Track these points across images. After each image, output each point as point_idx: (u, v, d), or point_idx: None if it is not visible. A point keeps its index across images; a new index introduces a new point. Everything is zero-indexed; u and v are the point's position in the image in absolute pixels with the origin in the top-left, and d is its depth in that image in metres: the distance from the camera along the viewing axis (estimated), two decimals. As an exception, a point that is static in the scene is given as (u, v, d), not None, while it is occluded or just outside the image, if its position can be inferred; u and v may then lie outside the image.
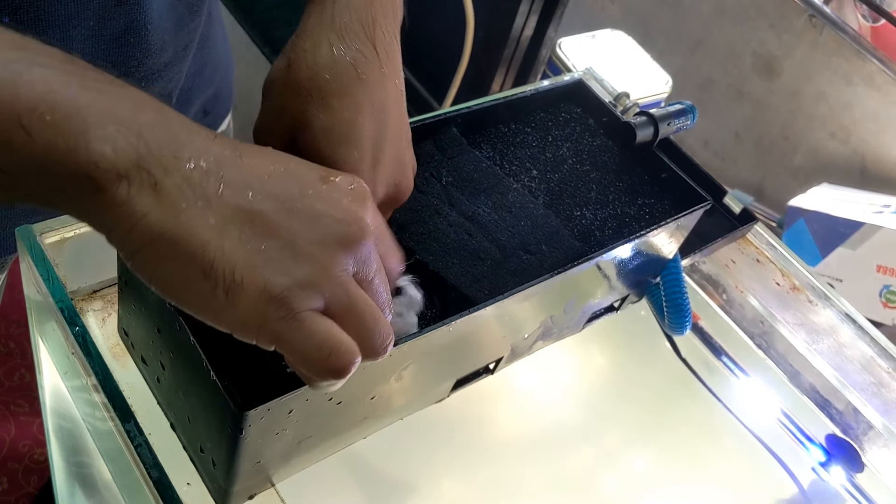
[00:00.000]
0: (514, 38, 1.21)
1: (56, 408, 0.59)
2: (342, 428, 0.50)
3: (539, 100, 0.63)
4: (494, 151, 0.60)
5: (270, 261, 0.35)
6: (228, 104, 0.81)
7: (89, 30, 0.55)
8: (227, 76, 0.79)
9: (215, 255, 0.34)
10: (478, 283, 0.51)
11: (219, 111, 0.79)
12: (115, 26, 0.56)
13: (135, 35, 0.57)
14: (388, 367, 0.46)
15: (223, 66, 0.77)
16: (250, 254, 0.35)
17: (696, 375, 0.73)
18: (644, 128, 0.60)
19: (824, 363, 0.71)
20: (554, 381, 0.70)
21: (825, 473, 0.70)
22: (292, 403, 0.42)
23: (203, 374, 0.40)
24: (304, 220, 0.36)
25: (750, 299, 0.74)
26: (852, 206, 1.22)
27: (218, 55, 0.75)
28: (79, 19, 0.53)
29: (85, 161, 0.31)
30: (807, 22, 1.38)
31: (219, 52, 0.75)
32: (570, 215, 0.58)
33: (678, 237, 0.61)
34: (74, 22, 0.53)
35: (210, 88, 0.75)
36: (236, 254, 0.34)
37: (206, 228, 0.34)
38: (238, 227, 0.35)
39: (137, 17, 0.56)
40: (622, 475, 0.66)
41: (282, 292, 0.35)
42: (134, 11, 0.56)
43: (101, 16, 0.55)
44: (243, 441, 0.41)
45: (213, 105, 0.77)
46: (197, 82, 0.71)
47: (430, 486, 0.61)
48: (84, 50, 0.56)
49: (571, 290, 0.57)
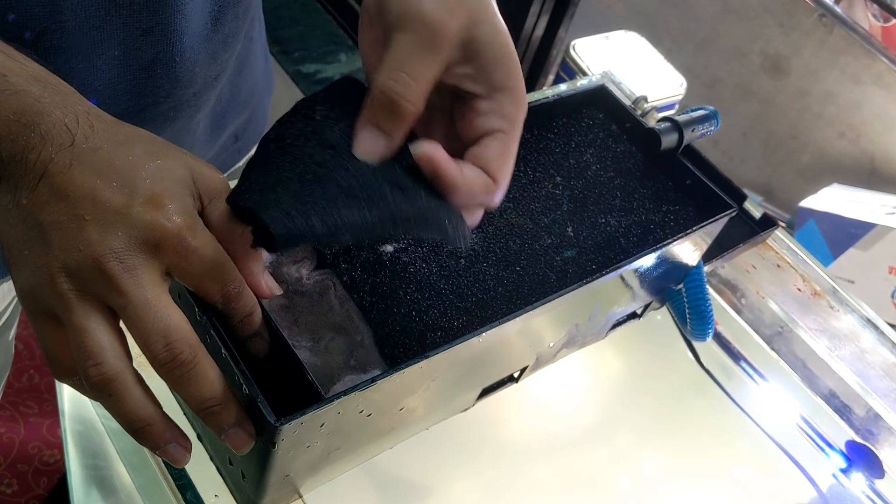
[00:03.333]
0: (525, 38, 1.21)
1: (73, 412, 0.59)
2: (370, 439, 0.50)
3: (561, 105, 0.63)
4: (517, 158, 0.60)
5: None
6: (261, 129, 0.79)
7: (115, 59, 0.54)
8: (263, 101, 0.77)
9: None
10: (507, 295, 0.51)
11: (250, 136, 0.77)
12: (142, 57, 0.55)
13: (162, 66, 0.56)
14: (419, 379, 0.46)
15: (259, 91, 0.75)
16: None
17: (715, 381, 0.73)
18: (669, 134, 0.60)
19: (845, 368, 0.71)
20: (573, 387, 0.69)
21: (845, 480, 0.70)
22: (324, 416, 0.41)
23: (235, 387, 0.40)
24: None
25: (770, 304, 0.74)
26: (863, 207, 1.21)
27: (255, 80, 0.73)
28: (103, 48, 0.52)
29: None
30: (816, 21, 1.37)
31: (256, 76, 0.73)
32: (594, 222, 0.58)
33: (703, 245, 0.61)
34: (99, 51, 0.52)
35: (244, 113, 0.73)
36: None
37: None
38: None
39: (165, 48, 0.55)
40: (640, 480, 0.66)
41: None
42: (161, 43, 0.55)
43: (127, 45, 0.53)
44: (275, 454, 0.41)
45: (245, 130, 0.75)
46: (231, 108, 0.70)
47: (449, 492, 0.61)
48: (109, 80, 0.54)
49: (597, 298, 0.57)
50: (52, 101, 0.38)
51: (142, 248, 0.37)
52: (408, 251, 0.52)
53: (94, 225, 0.36)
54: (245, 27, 0.64)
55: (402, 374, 0.43)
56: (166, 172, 0.39)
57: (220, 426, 0.39)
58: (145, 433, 0.38)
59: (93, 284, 0.36)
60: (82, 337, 0.36)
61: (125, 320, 0.37)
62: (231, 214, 0.40)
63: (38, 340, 0.39)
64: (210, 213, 0.41)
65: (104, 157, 0.38)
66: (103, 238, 0.36)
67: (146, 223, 0.37)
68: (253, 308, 0.42)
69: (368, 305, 0.49)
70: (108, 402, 0.38)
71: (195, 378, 0.38)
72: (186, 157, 0.41)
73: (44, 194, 0.37)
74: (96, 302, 0.37)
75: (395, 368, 0.42)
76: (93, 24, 0.51)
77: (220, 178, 0.42)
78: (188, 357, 0.37)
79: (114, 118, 0.40)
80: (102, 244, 0.36)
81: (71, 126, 0.38)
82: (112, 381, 0.37)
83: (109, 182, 0.37)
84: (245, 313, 0.42)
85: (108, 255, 0.36)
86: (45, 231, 0.37)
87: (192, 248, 0.38)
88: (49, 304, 0.37)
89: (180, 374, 0.37)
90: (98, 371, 0.36)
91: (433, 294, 0.50)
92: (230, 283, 0.40)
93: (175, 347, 0.37)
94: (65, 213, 0.37)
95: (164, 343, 0.37)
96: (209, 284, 0.39)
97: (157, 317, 0.37)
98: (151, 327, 0.36)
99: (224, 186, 0.42)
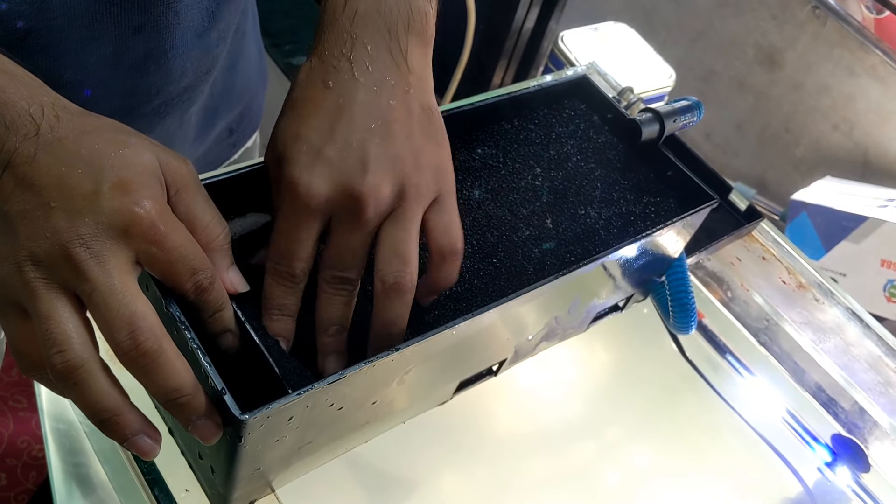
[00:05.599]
0: (516, 30, 1.20)
1: (53, 411, 0.58)
2: (343, 433, 0.49)
3: (543, 96, 0.62)
4: (497, 149, 0.59)
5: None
6: (256, 123, 0.79)
7: (106, 57, 0.53)
8: (257, 95, 0.77)
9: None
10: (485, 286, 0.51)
11: (245, 129, 0.77)
12: (133, 55, 0.54)
13: (155, 63, 0.56)
14: (391, 372, 0.45)
15: (253, 86, 0.75)
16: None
17: (700, 374, 0.72)
18: (649, 125, 0.59)
19: (830, 362, 0.70)
20: (557, 380, 0.69)
21: (831, 473, 0.69)
22: (292, 410, 0.41)
23: (202, 380, 0.39)
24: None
25: (755, 297, 0.74)
26: (856, 200, 1.21)
27: (249, 75, 0.72)
28: (94, 46, 0.52)
29: None
30: (810, 13, 1.36)
31: (250, 71, 0.73)
32: (574, 214, 0.57)
33: (684, 236, 0.60)
34: (90, 49, 0.52)
35: (238, 107, 0.73)
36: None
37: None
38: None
39: (157, 44, 0.55)
40: (625, 474, 0.65)
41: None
42: (153, 39, 0.54)
43: (119, 43, 0.53)
44: (243, 448, 0.41)
45: (240, 124, 0.75)
46: (224, 101, 0.69)
47: (432, 486, 0.60)
48: (100, 78, 0.54)
49: (576, 290, 0.56)
50: (17, 92, 0.38)
51: (110, 234, 0.36)
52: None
53: (60, 212, 0.36)
54: (237, 21, 0.63)
55: (373, 367, 0.42)
56: (134, 160, 0.38)
57: (187, 418, 0.39)
58: (112, 424, 0.38)
59: (60, 272, 0.36)
60: (47, 325, 0.36)
61: (90, 308, 0.37)
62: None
63: (6, 334, 0.39)
64: (177, 203, 0.40)
65: (69, 146, 0.37)
66: (70, 224, 0.36)
67: (114, 208, 0.36)
68: (224, 304, 0.41)
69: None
70: (73, 392, 0.37)
71: (160, 368, 0.37)
72: (154, 145, 0.40)
73: (9, 184, 0.37)
74: (63, 290, 0.36)
75: (364, 361, 0.42)
76: (83, 23, 0.51)
77: (188, 169, 0.41)
78: (152, 346, 0.36)
79: (80, 109, 0.40)
80: (69, 231, 0.36)
81: (36, 116, 0.37)
82: (76, 369, 0.36)
83: (75, 170, 0.37)
84: (216, 307, 0.41)
85: (75, 242, 0.36)
86: (11, 221, 0.36)
87: (161, 233, 0.37)
88: (16, 295, 0.37)
89: (144, 364, 0.37)
90: (62, 358, 0.36)
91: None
92: (201, 273, 0.39)
93: (139, 335, 0.36)
94: (30, 202, 0.36)
95: (128, 331, 0.36)
96: (180, 273, 0.39)
97: (123, 304, 0.36)
98: (116, 314, 0.36)
99: (192, 177, 0.41)
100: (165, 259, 0.38)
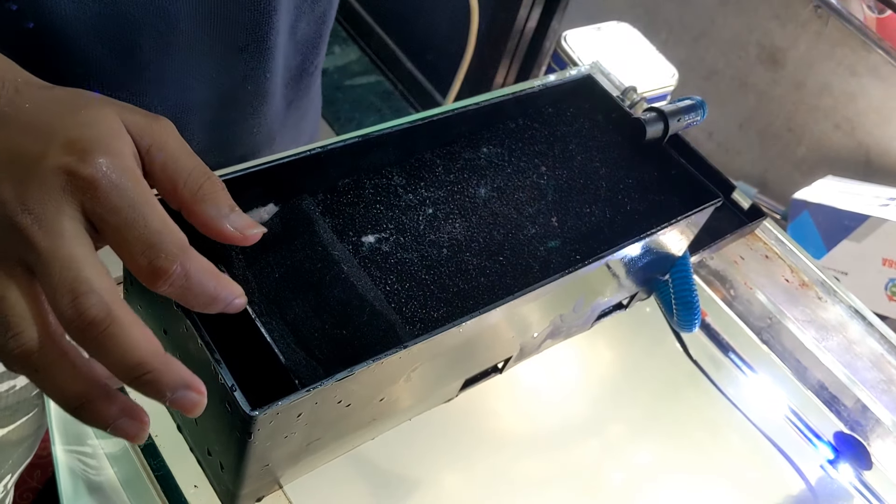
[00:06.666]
0: (518, 30, 1.21)
1: (58, 407, 0.59)
2: (350, 429, 0.49)
3: (547, 95, 0.63)
4: (502, 147, 0.59)
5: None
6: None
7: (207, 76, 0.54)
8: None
9: None
10: (490, 284, 0.51)
11: None
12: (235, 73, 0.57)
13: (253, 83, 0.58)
14: (398, 369, 0.46)
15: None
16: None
17: (703, 372, 0.72)
18: (654, 124, 0.60)
19: (833, 360, 0.71)
20: (560, 378, 0.69)
21: (833, 471, 0.70)
22: (301, 406, 0.41)
23: (211, 377, 0.40)
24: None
25: (758, 295, 0.74)
26: (857, 199, 1.21)
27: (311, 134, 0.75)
28: (197, 67, 0.54)
29: None
30: (812, 12, 1.37)
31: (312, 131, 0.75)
32: (579, 212, 0.57)
33: (688, 234, 0.60)
34: (193, 71, 0.53)
35: None
36: None
37: None
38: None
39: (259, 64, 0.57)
40: (628, 471, 0.66)
41: None
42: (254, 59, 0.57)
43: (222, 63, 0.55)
44: (252, 445, 0.41)
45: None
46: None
47: (436, 483, 0.61)
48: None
49: (581, 288, 0.56)
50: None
51: (52, 195, 0.33)
52: (389, 241, 0.51)
53: (6, 183, 0.33)
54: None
55: (381, 365, 0.43)
56: (89, 120, 0.35)
57: (158, 394, 0.33)
58: (86, 411, 0.34)
59: (9, 247, 0.33)
60: (0, 307, 0.33)
61: (39, 278, 0.33)
62: None
63: None
64: (151, 162, 0.36)
65: (24, 116, 0.35)
66: (16, 194, 0.33)
67: (57, 167, 0.33)
68: (210, 301, 0.36)
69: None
70: (36, 379, 0.34)
71: (111, 340, 0.32)
72: (120, 106, 0.37)
73: None
74: (18, 268, 0.33)
75: (373, 358, 0.42)
76: (187, 44, 0.51)
77: (161, 125, 0.37)
78: (98, 314, 0.32)
79: (49, 84, 0.37)
80: (14, 200, 0.33)
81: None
82: (32, 353, 0.33)
83: (27, 138, 0.34)
84: (199, 302, 0.35)
85: (18, 210, 0.33)
86: None
87: (103, 189, 0.33)
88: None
89: (93, 336, 0.32)
90: (16, 343, 0.33)
91: (414, 284, 0.50)
92: (161, 252, 0.34)
93: (81, 302, 0.32)
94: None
95: (70, 298, 0.32)
96: (131, 243, 0.33)
97: (65, 268, 0.32)
98: (58, 280, 0.32)
99: (165, 133, 0.37)
100: (113, 223, 0.33)
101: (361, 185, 0.53)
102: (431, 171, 0.56)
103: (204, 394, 0.35)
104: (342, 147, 0.51)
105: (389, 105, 2.11)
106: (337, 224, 0.51)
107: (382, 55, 2.12)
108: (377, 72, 2.17)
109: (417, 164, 0.56)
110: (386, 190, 0.54)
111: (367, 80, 2.16)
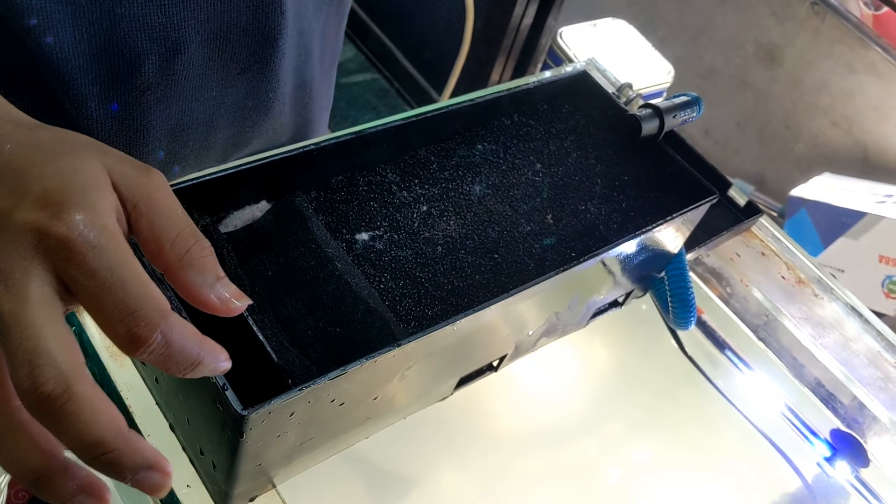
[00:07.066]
0: (514, 27, 1.20)
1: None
2: (344, 428, 0.49)
3: (542, 92, 0.62)
4: (497, 144, 0.59)
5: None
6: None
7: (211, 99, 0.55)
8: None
9: None
10: (483, 283, 0.51)
11: None
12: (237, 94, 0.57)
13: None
14: (392, 368, 0.45)
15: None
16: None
17: (699, 370, 0.72)
18: (649, 120, 0.59)
19: (830, 357, 0.70)
20: (556, 376, 0.69)
21: (830, 468, 0.70)
22: (294, 405, 0.41)
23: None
24: None
25: (755, 293, 0.74)
26: (854, 196, 1.21)
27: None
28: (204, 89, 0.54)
29: None
30: (809, 10, 1.37)
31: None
32: (574, 209, 0.57)
33: (684, 231, 0.60)
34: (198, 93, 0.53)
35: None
36: None
37: None
38: None
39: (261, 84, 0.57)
40: (624, 469, 0.66)
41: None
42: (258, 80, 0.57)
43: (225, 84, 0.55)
44: (244, 444, 0.41)
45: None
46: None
47: (432, 482, 0.60)
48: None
49: (576, 285, 0.56)
50: None
51: (22, 254, 0.30)
52: (383, 238, 0.51)
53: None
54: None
55: (375, 363, 0.42)
56: (68, 169, 0.32)
57: (119, 475, 0.31)
58: (41, 486, 0.31)
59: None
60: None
61: (0, 344, 0.31)
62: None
63: None
64: (137, 220, 0.34)
65: (3, 160, 0.32)
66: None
67: (26, 222, 0.30)
68: (194, 365, 0.32)
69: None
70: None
71: (68, 417, 0.29)
72: (107, 155, 0.34)
73: None
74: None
75: (367, 357, 0.42)
76: (190, 67, 0.52)
77: (150, 179, 0.34)
78: (55, 389, 0.29)
79: (36, 122, 0.35)
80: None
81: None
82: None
83: (2, 186, 0.31)
84: (185, 367, 0.32)
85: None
86: None
87: (78, 250, 0.30)
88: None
89: (48, 412, 0.29)
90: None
91: (408, 282, 0.50)
92: (140, 319, 0.30)
93: (37, 375, 0.29)
94: None
95: (28, 369, 0.29)
96: (108, 309, 0.31)
97: (25, 336, 0.29)
98: (16, 348, 0.29)
99: (154, 187, 0.34)
100: (89, 287, 0.30)
101: (355, 182, 0.53)
102: (426, 168, 0.56)
103: (169, 474, 0.32)
104: (335, 143, 0.51)
105: (385, 103, 2.10)
106: (330, 221, 0.51)
107: (378, 53, 2.11)
108: (373, 69, 2.17)
109: (412, 161, 0.56)
110: (380, 187, 0.54)
111: (362, 77, 2.16)
